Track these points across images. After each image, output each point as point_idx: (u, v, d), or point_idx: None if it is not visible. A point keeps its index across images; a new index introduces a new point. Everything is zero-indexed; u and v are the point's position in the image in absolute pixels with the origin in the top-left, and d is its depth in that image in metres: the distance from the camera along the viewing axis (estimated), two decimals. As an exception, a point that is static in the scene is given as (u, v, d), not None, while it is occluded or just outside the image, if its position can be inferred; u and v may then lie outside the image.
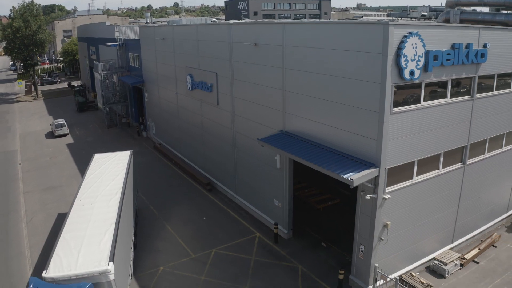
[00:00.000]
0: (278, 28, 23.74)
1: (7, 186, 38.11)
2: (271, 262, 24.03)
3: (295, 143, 22.49)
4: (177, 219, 29.70)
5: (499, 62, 22.93)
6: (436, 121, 20.28)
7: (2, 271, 24.50)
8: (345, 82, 19.37)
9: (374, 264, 20.16)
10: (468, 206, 24.48)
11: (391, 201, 19.42)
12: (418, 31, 17.82)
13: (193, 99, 35.85)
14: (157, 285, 22.35)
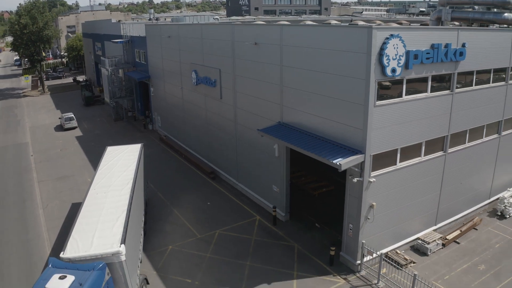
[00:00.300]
0: (277, 30, 26.18)
1: (21, 176, 40.61)
2: (269, 242, 26.61)
3: (292, 133, 25.00)
4: (184, 205, 32.28)
5: (478, 59, 25.35)
6: (417, 113, 22.74)
7: (23, 252, 27.02)
8: (335, 78, 21.84)
9: (362, 241, 22.69)
10: (450, 192, 26.94)
11: (376, 184, 21.92)
12: (399, 33, 20.24)
13: (198, 93, 38.34)
14: (167, 261, 24.94)
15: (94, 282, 16.99)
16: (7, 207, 33.72)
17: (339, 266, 24.03)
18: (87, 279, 16.96)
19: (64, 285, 16.71)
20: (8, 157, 46.37)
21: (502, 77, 28.06)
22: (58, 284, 16.75)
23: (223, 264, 24.53)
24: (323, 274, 23.39)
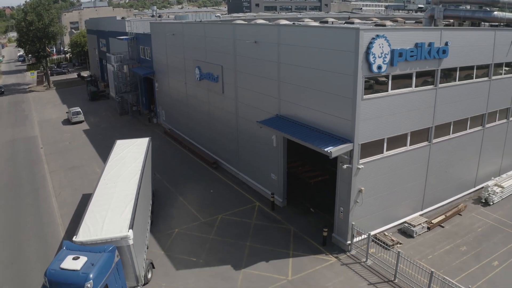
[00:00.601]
0: (274, 29, 28.46)
1: (33, 167, 42.96)
2: (268, 225, 28.98)
3: (288, 124, 27.30)
4: (188, 192, 34.65)
5: (461, 57, 27.57)
6: (403, 106, 25.00)
7: (39, 235, 29.35)
8: (326, 74, 24.11)
9: (352, 223, 25.01)
10: (435, 179, 29.22)
11: (365, 170, 24.22)
12: (385, 33, 22.49)
13: (201, 88, 40.63)
14: (173, 243, 27.31)
15: (105, 263, 18.98)
16: (22, 195, 36.07)
17: (331, 246, 26.39)
18: (98, 260, 18.89)
19: (77, 265, 18.66)
20: (19, 150, 48.69)
21: (486, 73, 30.26)
22: (72, 264, 18.71)
23: (225, 245, 26.89)
24: (316, 253, 25.74)
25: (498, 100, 32.02)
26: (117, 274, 19.91)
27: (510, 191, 33.67)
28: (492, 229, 28.89)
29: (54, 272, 18.68)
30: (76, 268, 18.59)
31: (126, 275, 20.86)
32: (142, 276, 22.09)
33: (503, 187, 33.07)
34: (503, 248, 26.66)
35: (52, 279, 18.49)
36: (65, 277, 18.42)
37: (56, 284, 18.42)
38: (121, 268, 20.37)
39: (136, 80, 59.90)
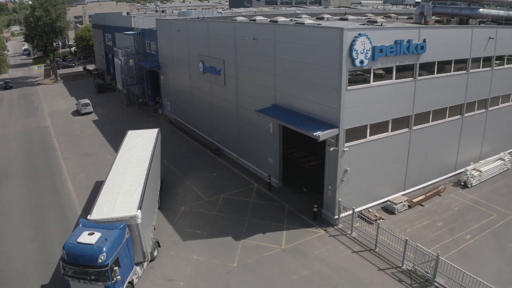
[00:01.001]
0: (271, 28, 31.82)
1: (47, 154, 46.37)
2: (265, 203, 32.47)
3: (283, 113, 30.70)
4: (193, 176, 38.13)
5: (439, 52, 30.81)
6: (384, 96, 28.33)
7: (59, 213, 32.74)
8: (316, 68, 27.45)
9: (338, 199, 28.45)
10: (416, 163, 32.56)
11: (349, 153, 27.61)
12: (366, 32, 25.79)
13: (204, 81, 44.00)
14: (180, 218, 30.81)
15: (116, 238, 21.61)
16: (40, 179, 39.51)
17: (321, 220, 29.86)
18: (110, 236, 21.47)
19: (92, 239, 21.27)
20: (33, 139, 52.10)
21: (464, 66, 33.52)
22: (87, 239, 21.33)
23: (226, 220, 30.38)
24: (307, 227, 29.21)
25: (476, 92, 35.29)
26: (127, 249, 22.56)
27: (488, 175, 37.03)
28: (468, 208, 32.25)
29: (71, 245, 21.28)
30: (91, 242, 21.19)
31: (134, 251, 23.48)
32: (149, 253, 24.88)
33: (481, 172, 36.43)
34: (476, 224, 30.02)
35: (69, 252, 21.10)
36: (81, 250, 21.03)
37: (73, 256, 21.04)
38: (130, 244, 22.98)
39: (142, 73, 63.24)
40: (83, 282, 21.22)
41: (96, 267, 20.79)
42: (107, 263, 20.81)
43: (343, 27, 25.39)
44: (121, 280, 21.72)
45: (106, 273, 20.90)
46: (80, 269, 21.09)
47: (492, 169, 37.52)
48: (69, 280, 21.49)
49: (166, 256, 26.51)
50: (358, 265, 25.41)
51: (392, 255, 25.91)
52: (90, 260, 20.83)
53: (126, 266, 22.41)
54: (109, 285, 21.10)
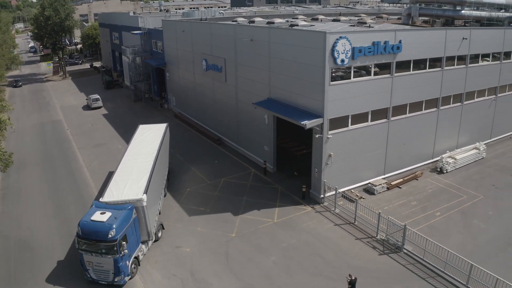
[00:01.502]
0: (266, 31, 36.26)
1: (63, 145, 50.79)
2: (260, 185, 36.93)
3: (276, 105, 35.12)
4: (197, 162, 42.62)
5: (414, 51, 35.10)
6: (363, 90, 32.67)
7: (77, 195, 37.05)
8: (304, 66, 31.82)
9: (324, 180, 32.84)
10: (395, 150, 36.90)
11: (333, 139, 31.99)
12: (347, 35, 30.15)
13: (207, 77, 48.43)
14: (186, 198, 35.28)
15: (124, 217, 24.85)
16: (58, 167, 43.92)
17: (309, 199, 34.31)
18: (119, 215, 24.70)
19: (104, 218, 24.41)
20: (48, 131, 56.56)
21: (439, 64, 37.80)
22: (99, 217, 24.50)
23: (226, 199, 34.85)
24: (297, 205, 33.67)
25: (451, 87, 39.56)
26: (134, 227, 25.74)
27: (463, 163, 41.32)
28: (441, 191, 36.56)
29: (85, 223, 24.44)
30: (103, 220, 24.31)
31: (140, 230, 26.56)
32: (153, 233, 28.08)
33: (456, 159, 40.76)
34: (446, 204, 34.31)
35: (84, 228, 24.28)
36: (94, 226, 24.18)
37: (87, 232, 24.20)
38: (137, 223, 26.19)
39: (148, 70, 67.70)
40: (94, 255, 24.43)
41: (107, 241, 23.96)
42: (116, 238, 23.93)
43: (326, 31, 29.76)
44: (128, 254, 24.92)
45: (115, 247, 24.04)
46: (92, 243, 24.26)
47: (467, 157, 41.80)
48: (83, 253, 24.73)
49: (174, 229, 30.97)
50: (339, 235, 29.84)
51: (368, 227, 30.33)
52: (101, 235, 23.98)
53: (132, 243, 25.63)
54: (117, 258, 24.23)
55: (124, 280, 25.14)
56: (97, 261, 24.59)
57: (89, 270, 25.06)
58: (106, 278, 24.94)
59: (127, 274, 25.17)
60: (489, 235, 30.06)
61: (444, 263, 25.69)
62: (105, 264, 24.55)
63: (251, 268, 26.49)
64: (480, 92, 43.36)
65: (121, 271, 24.66)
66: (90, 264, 24.83)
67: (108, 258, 24.34)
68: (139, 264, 26.63)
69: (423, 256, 26.92)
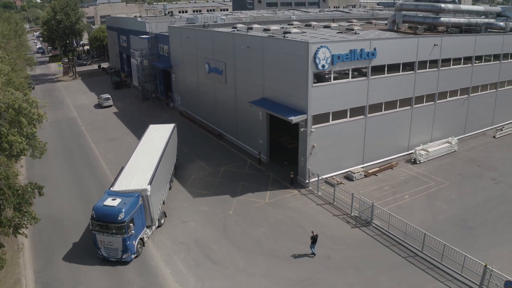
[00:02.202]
0: (260, 40, 42.44)
1: (79, 139, 56.90)
2: (255, 173, 43.00)
3: (269, 103, 41.18)
4: (200, 154, 48.73)
5: (388, 57, 41.04)
6: (343, 91, 38.66)
7: (97, 182, 43.03)
8: (291, 70, 37.85)
9: (308, 168, 38.85)
10: (372, 143, 42.82)
11: (316, 133, 37.99)
12: (327, 44, 36.15)
13: (209, 79, 54.53)
14: (191, 183, 41.37)
15: (132, 204, 29.58)
16: (77, 158, 49.99)
17: (296, 184, 40.34)
18: (128, 202, 29.48)
19: (114, 203, 29.14)
20: (64, 127, 62.66)
21: (412, 68, 43.71)
22: (111, 202, 29.25)
23: (225, 185, 40.90)
24: (285, 189, 39.70)
25: (424, 88, 45.42)
26: (140, 213, 30.32)
27: (435, 155, 47.19)
28: (412, 178, 42.45)
29: (99, 207, 29.16)
30: (114, 205, 28.99)
31: (145, 216, 31.20)
32: (156, 219, 32.76)
33: (428, 152, 46.64)
34: (415, 189, 40.16)
35: (97, 211, 29.04)
36: (106, 210, 28.88)
37: (100, 215, 28.87)
38: (142, 209, 30.75)
39: (155, 71, 73.85)
40: (106, 235, 28.97)
41: (116, 222, 28.56)
42: (124, 220, 28.54)
43: (308, 41, 35.80)
44: (135, 235, 29.43)
45: (123, 228, 28.59)
46: (104, 224, 28.85)
47: (439, 150, 47.69)
48: (96, 234, 29.31)
49: (182, 208, 37.03)
50: (319, 212, 35.86)
51: (344, 206, 36.30)
52: (112, 218, 28.63)
53: (138, 226, 30.19)
54: (125, 238, 28.73)
55: (131, 257, 29.69)
56: (108, 240, 29.19)
57: (100, 249, 29.63)
58: (115, 255, 29.50)
59: (134, 252, 29.74)
60: (447, 214, 35.94)
61: (404, 234, 31.65)
62: (115, 243, 29.13)
63: (245, 237, 32.55)
64: (453, 92, 49.23)
65: (128, 249, 29.29)
66: (102, 243, 29.44)
67: (117, 238, 28.85)
68: (143, 245, 31.22)
69: (388, 228, 32.88)
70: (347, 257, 30.17)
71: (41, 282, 28.43)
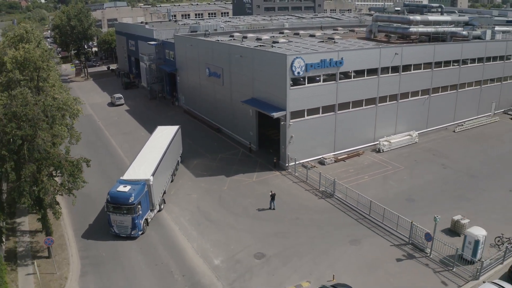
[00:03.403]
0: (250, 51, 52.80)
1: (98, 133, 67.17)
2: (246, 159, 53.41)
3: (257, 102, 51.55)
4: (201, 144, 59.09)
5: (354, 64, 51.24)
6: (315, 92, 48.89)
7: (116, 167, 53.01)
8: (274, 75, 48.15)
9: (288, 154, 49.15)
10: (342, 135, 52.98)
11: (294, 126, 48.26)
12: (302, 56, 46.40)
13: (209, 81, 64.90)
14: (194, 167, 51.72)
15: (139, 190, 36.90)
16: (98, 148, 60.23)
17: (278, 167, 50.66)
18: (136, 188, 36.83)
19: (125, 189, 36.52)
20: (83, 123, 72.06)
21: (375, 73, 53.90)
22: (123, 188, 36.72)
23: (222, 167, 51.24)
24: (270, 171, 50.05)
25: (387, 89, 55.55)
26: (146, 197, 37.79)
27: (397, 145, 57.30)
28: (374, 163, 52.62)
29: (113, 192, 36.72)
30: (125, 191, 36.55)
31: (149, 201, 38.89)
32: (157, 205, 40.40)
33: (391, 142, 56.82)
34: (374, 171, 50.32)
35: (112, 196, 36.56)
36: (119, 195, 36.44)
37: (114, 199, 36.32)
38: (147, 195, 38.21)
39: (161, 74, 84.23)
40: (118, 215, 36.37)
41: (127, 204, 35.88)
42: (134, 202, 35.89)
43: (286, 53, 46.09)
44: (141, 215, 36.93)
45: (133, 209, 35.83)
46: (117, 206, 36.16)
47: (400, 141, 57.85)
48: (110, 214, 36.65)
49: (186, 185, 47.36)
50: (294, 188, 46.10)
51: (315, 183, 46.55)
52: (124, 200, 36.08)
53: (144, 208, 37.59)
54: (134, 217, 36.16)
55: (138, 233, 37.15)
56: (120, 220, 36.65)
57: (113, 227, 37.17)
58: (125, 231, 36.98)
59: (140, 229, 37.29)
60: (397, 190, 46.00)
61: (357, 202, 41.87)
62: (125, 222, 36.56)
63: (235, 205, 42.86)
64: (414, 93, 59.36)
65: (136, 226, 36.80)
66: (114, 222, 36.95)
67: (128, 217, 36.25)
68: (148, 224, 38.76)
69: (345, 199, 43.09)
70: (311, 219, 40.38)
71: (80, 236, 38.70)
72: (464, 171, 50.72)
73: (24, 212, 42.67)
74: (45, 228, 35.81)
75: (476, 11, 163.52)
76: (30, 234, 39.52)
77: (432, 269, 33.36)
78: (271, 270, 33.27)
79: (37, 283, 32.49)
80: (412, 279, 32.32)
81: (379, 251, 35.58)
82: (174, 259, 34.91)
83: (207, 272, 33.29)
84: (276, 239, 37.12)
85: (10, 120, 31.06)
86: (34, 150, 31.54)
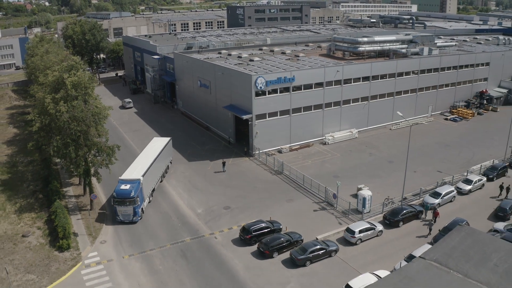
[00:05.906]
0: (228, 70, 74.32)
1: (114, 130, 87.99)
2: (225, 149, 74.86)
3: (234, 108, 72.94)
4: (194, 138, 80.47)
5: (304, 79, 72.52)
6: (274, 101, 70.12)
7: (132, 155, 74.72)
8: (244, 89, 69.47)
9: (254, 145, 70.55)
10: (295, 131, 74.17)
11: (258, 125, 69.52)
12: (263, 76, 67.79)
13: (200, 91, 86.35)
14: (188, 154, 73.20)
15: (137, 187, 50.43)
16: (115, 141, 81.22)
17: (248, 154, 72.02)
18: (134, 185, 50.47)
19: (127, 187, 50.34)
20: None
21: (321, 86, 75.19)
22: (125, 187, 50.37)
23: (207, 155, 72.57)
24: (242, 157, 71.39)
25: (331, 97, 76.73)
26: (141, 192, 51.27)
27: (340, 139, 78.37)
28: (319, 152, 73.80)
29: (119, 190, 49.98)
30: (127, 188, 50.09)
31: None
32: (147, 197, 54.53)
33: (334, 137, 78.09)
34: (318, 157, 71.60)
35: (118, 193, 49.67)
36: (123, 191, 49.76)
37: (119, 194, 49.46)
38: (142, 191, 53.03)
39: (163, 82, 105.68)
40: (122, 207, 49.69)
41: (130, 198, 49.26)
42: (134, 196, 49.37)
43: (251, 74, 67.50)
44: (139, 205, 50.47)
45: (134, 201, 49.44)
46: (122, 200, 49.36)
47: (342, 136, 78.99)
48: (116, 206, 49.95)
49: (180, 166, 68.64)
50: (257, 168, 67.35)
51: (271, 165, 67.86)
52: (127, 195, 49.34)
53: (141, 200, 50.90)
54: (135, 207, 49.76)
55: (137, 219, 51.03)
56: (124, 210, 49.99)
57: (119, 215, 50.39)
58: (128, 218, 50.37)
59: (139, 216, 51.14)
60: (329, 170, 67.01)
61: (296, 177, 63.15)
62: (128, 211, 49.92)
63: (215, 179, 64.05)
64: (355, 99, 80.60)
65: (136, 213, 50.56)
66: (120, 211, 50.07)
67: (130, 207, 49.85)
68: (143, 211, 53.08)
69: (289, 174, 64.41)
70: (264, 187, 61.60)
71: (108, 196, 60.16)
72: (385, 158, 71.61)
73: (68, 184, 64.13)
74: (90, 189, 57.20)
75: (441, 15, 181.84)
76: (75, 197, 60.88)
77: (335, 216, 54.65)
78: (234, 216, 54.56)
79: (85, 224, 53.85)
80: (321, 221, 53.35)
81: (305, 206, 56.73)
82: (173, 210, 56.23)
83: (193, 216, 54.60)
84: (239, 199, 58.45)
85: (72, 120, 52.45)
86: (86, 139, 52.98)
